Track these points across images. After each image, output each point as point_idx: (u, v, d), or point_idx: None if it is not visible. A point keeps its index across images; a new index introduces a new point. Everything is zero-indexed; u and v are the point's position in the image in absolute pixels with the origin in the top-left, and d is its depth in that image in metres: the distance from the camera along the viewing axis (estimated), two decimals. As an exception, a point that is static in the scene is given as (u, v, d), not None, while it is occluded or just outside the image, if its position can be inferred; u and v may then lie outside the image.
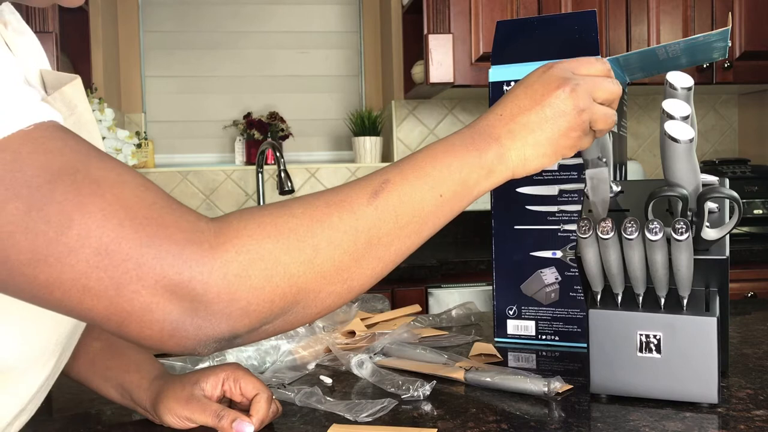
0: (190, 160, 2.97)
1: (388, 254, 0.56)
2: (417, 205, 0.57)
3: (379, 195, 0.55)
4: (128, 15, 2.89)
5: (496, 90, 1.14)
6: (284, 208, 0.53)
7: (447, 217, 0.61)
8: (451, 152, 0.60)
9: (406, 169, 0.58)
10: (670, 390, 0.80)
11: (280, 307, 0.50)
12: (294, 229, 0.51)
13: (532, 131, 0.63)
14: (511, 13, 2.46)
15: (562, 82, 0.64)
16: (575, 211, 1.09)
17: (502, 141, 0.62)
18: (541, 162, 0.64)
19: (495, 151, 0.61)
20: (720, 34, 1.08)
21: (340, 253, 0.52)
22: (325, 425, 0.76)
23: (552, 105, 0.63)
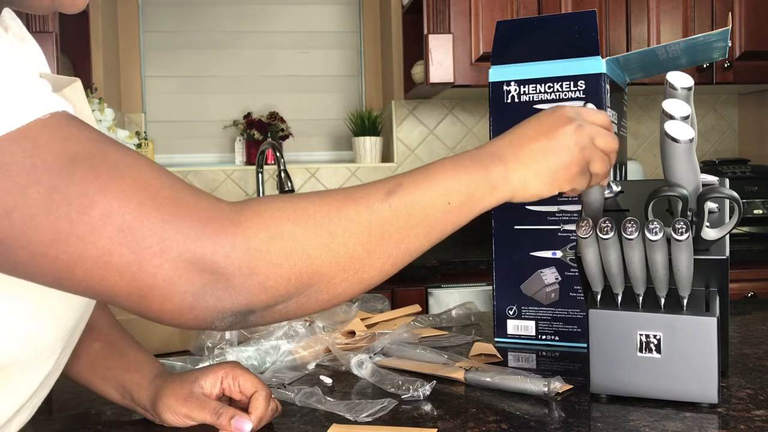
0: (190, 160, 2.97)
1: (398, 252, 0.59)
2: (428, 209, 0.60)
3: (393, 194, 0.58)
4: (128, 15, 2.89)
5: (496, 90, 1.14)
6: (303, 196, 0.56)
7: (453, 226, 0.64)
8: (461, 167, 0.63)
9: (419, 177, 0.61)
10: (670, 390, 0.80)
11: (296, 287, 0.52)
12: (312, 215, 0.54)
13: (536, 159, 0.67)
14: (511, 13, 2.46)
15: (569, 120, 0.69)
16: (575, 211, 1.09)
17: (508, 163, 0.66)
18: (540, 189, 0.67)
19: (500, 171, 0.65)
20: (720, 34, 1.08)
21: (354, 242, 0.55)
22: (325, 425, 0.76)
23: (558, 138, 0.68)
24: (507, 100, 1.13)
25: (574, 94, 1.09)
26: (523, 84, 1.12)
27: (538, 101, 1.11)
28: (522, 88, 1.12)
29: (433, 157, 2.90)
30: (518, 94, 1.12)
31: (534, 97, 1.11)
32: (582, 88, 1.08)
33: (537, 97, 1.11)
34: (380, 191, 0.58)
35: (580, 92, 1.08)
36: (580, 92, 1.08)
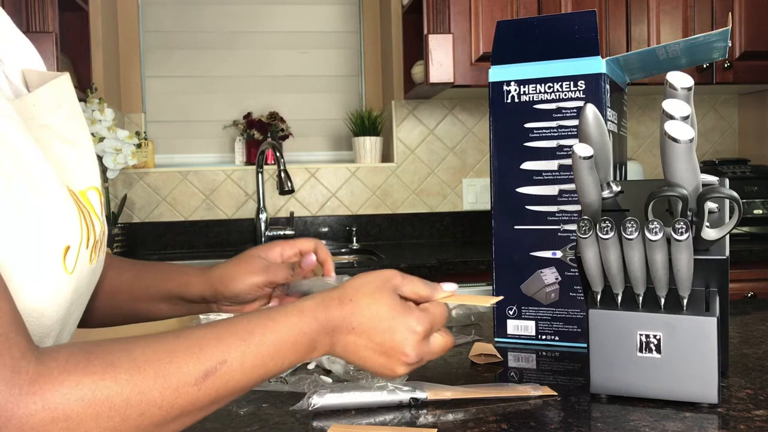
0: (190, 160, 2.97)
1: (192, 421, 0.57)
2: (240, 389, 0.59)
3: (210, 377, 0.56)
4: (128, 15, 2.89)
5: (496, 90, 1.14)
6: (112, 366, 0.52)
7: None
8: (292, 348, 0.62)
9: (247, 355, 0.59)
10: (670, 390, 0.80)
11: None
12: (111, 397, 0.51)
13: (362, 360, 0.67)
14: (511, 13, 2.46)
15: (407, 363, 0.67)
16: (575, 211, 1.09)
17: (335, 353, 0.67)
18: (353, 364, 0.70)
19: (322, 353, 0.66)
20: (720, 34, 1.08)
21: (147, 423, 0.53)
22: (325, 425, 0.76)
23: (390, 368, 0.67)
24: (507, 100, 1.13)
25: (573, 94, 1.09)
26: (523, 84, 1.12)
27: (538, 101, 1.11)
28: (522, 88, 1.12)
29: (433, 156, 2.91)
30: (518, 94, 1.12)
31: (534, 97, 1.11)
32: (582, 88, 1.08)
33: (537, 97, 1.11)
34: (198, 370, 0.55)
35: (580, 92, 1.08)
36: (580, 92, 1.08)
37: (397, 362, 0.67)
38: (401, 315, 0.67)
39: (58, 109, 0.66)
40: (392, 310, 0.66)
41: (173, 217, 2.77)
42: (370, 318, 0.66)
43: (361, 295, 0.67)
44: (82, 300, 0.66)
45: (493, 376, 0.96)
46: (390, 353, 0.66)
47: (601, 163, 0.82)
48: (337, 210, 2.87)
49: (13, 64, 0.68)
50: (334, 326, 0.65)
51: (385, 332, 0.66)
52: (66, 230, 0.58)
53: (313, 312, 0.65)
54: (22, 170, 0.55)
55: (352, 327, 0.66)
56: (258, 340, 0.60)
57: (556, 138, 1.10)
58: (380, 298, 0.67)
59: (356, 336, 0.66)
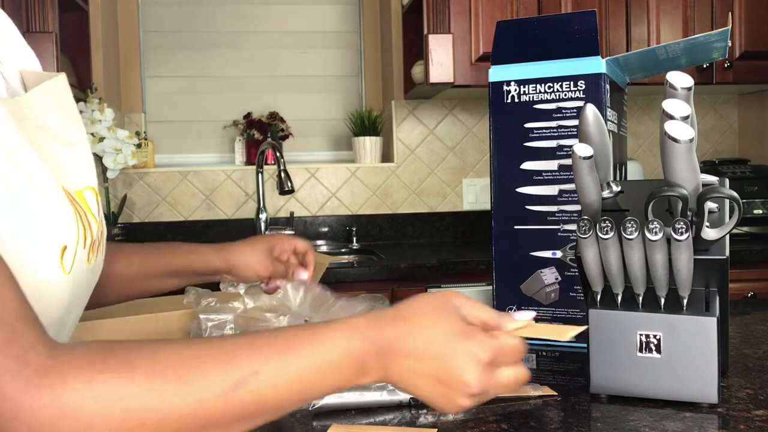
0: (190, 160, 2.97)
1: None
2: (274, 405, 0.53)
3: (239, 389, 0.51)
4: (128, 15, 2.89)
5: (496, 90, 1.14)
6: (129, 367, 0.49)
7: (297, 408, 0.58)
8: (338, 367, 0.56)
9: (285, 368, 0.53)
10: (670, 390, 0.80)
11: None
12: (126, 398, 0.48)
13: (419, 388, 0.58)
14: (511, 13, 2.46)
15: (470, 395, 0.58)
16: (575, 211, 1.09)
17: (388, 378, 0.59)
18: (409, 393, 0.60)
19: (374, 379, 0.59)
20: (720, 34, 1.08)
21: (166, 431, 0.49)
22: (325, 425, 0.76)
23: (448, 397, 0.58)
24: (507, 100, 1.13)
25: (573, 94, 1.09)
26: (523, 84, 1.12)
27: (538, 101, 1.11)
28: (522, 88, 1.12)
29: (433, 157, 2.91)
30: (518, 94, 1.12)
31: (534, 97, 1.11)
32: (582, 88, 1.08)
33: (537, 97, 1.11)
34: (226, 381, 0.50)
35: (580, 92, 1.08)
36: (580, 92, 1.08)
37: (457, 392, 0.57)
38: (462, 338, 0.57)
39: (54, 109, 0.66)
40: (452, 333, 0.58)
41: (173, 217, 2.77)
42: (426, 341, 0.57)
43: (417, 315, 0.59)
44: (81, 300, 0.66)
45: (493, 376, 0.96)
46: (448, 382, 0.57)
47: (601, 163, 0.82)
48: (337, 210, 2.87)
49: (11, 64, 0.68)
50: (387, 348, 0.57)
51: (442, 358, 0.57)
52: (63, 230, 0.58)
53: (363, 330, 0.57)
54: (18, 170, 0.55)
55: (410, 350, 0.57)
56: (296, 353, 0.54)
57: (556, 138, 1.10)
58: (438, 319, 0.58)
59: (413, 360, 0.57)
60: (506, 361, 0.59)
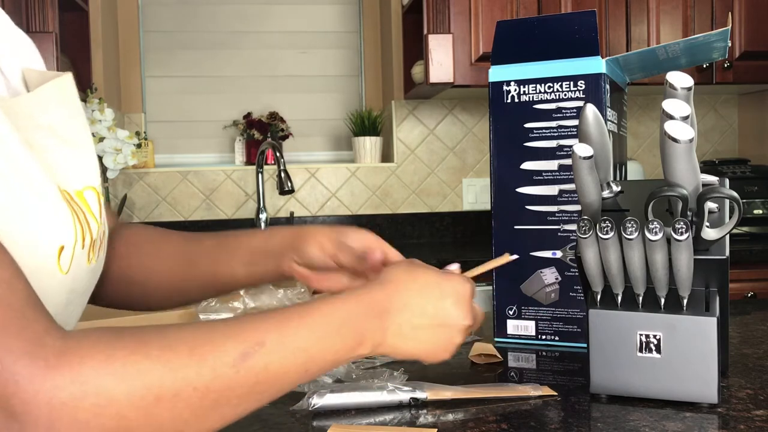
0: (190, 160, 2.97)
1: (233, 414, 0.54)
2: (282, 376, 0.55)
3: (248, 359, 0.53)
4: (128, 15, 2.89)
5: (496, 90, 1.14)
6: (142, 343, 0.50)
7: (296, 385, 0.59)
8: (337, 335, 0.59)
9: (287, 337, 0.56)
10: (670, 390, 0.80)
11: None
12: (143, 372, 0.48)
13: (412, 345, 0.64)
14: (511, 13, 2.46)
15: (459, 334, 0.67)
16: (575, 211, 1.09)
17: (386, 341, 0.63)
18: (404, 355, 0.66)
19: (372, 346, 0.62)
20: (720, 34, 1.08)
21: (183, 407, 0.50)
22: (325, 425, 0.76)
23: (443, 346, 0.66)
24: (507, 100, 1.13)
25: (573, 94, 1.09)
26: (523, 84, 1.12)
27: (538, 101, 1.11)
28: (522, 88, 1.12)
29: (433, 156, 2.91)
30: (518, 94, 1.12)
31: (534, 97, 1.11)
32: (582, 88, 1.08)
33: (537, 97, 1.11)
34: (235, 351, 0.52)
35: (580, 92, 1.08)
36: (580, 92, 1.08)
37: (454, 330, 0.65)
38: (445, 281, 0.66)
39: (58, 108, 0.66)
40: (435, 280, 0.65)
41: (173, 217, 2.77)
42: (417, 292, 0.64)
43: (399, 274, 0.65)
44: (80, 299, 0.66)
45: (493, 376, 0.96)
46: (446, 321, 0.64)
47: (601, 163, 0.82)
48: (337, 210, 2.87)
49: (12, 63, 0.68)
50: (383, 308, 0.62)
51: (435, 301, 0.64)
52: (59, 231, 0.58)
53: (357, 296, 0.61)
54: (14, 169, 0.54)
55: (404, 304, 0.63)
56: (297, 324, 0.57)
57: (556, 138, 1.10)
58: (418, 273, 0.66)
59: (410, 313, 0.63)
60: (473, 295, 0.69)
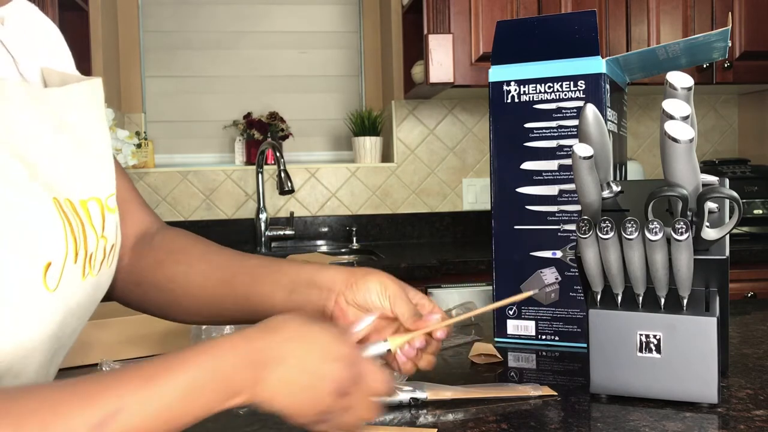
0: (190, 160, 2.97)
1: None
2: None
3: (104, 428, 0.48)
4: (128, 15, 2.89)
5: (496, 90, 1.14)
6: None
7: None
8: (205, 388, 0.53)
9: (150, 397, 0.51)
10: (670, 390, 0.80)
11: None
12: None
13: (294, 397, 0.58)
14: (511, 13, 2.46)
15: (339, 395, 0.59)
16: (575, 211, 1.09)
17: (261, 393, 0.56)
18: (278, 409, 0.58)
19: (247, 397, 0.56)
20: (720, 34, 1.08)
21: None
22: (325, 425, 0.76)
23: (318, 395, 0.58)
24: (507, 100, 1.13)
25: (573, 94, 1.09)
26: (523, 84, 1.12)
27: (538, 101, 1.11)
28: (522, 88, 1.12)
29: (433, 157, 2.91)
30: (518, 94, 1.12)
31: (534, 97, 1.11)
32: (582, 88, 1.08)
33: (537, 97, 1.11)
34: (91, 420, 0.47)
35: (580, 92, 1.08)
36: (580, 92, 1.08)
37: (329, 395, 0.58)
38: (336, 343, 0.59)
39: (85, 110, 0.66)
40: (326, 338, 0.59)
41: (173, 217, 2.77)
42: (303, 347, 0.58)
43: (289, 325, 0.59)
44: (78, 314, 0.64)
45: (493, 376, 0.96)
46: (323, 385, 0.58)
47: (601, 163, 0.82)
48: (337, 210, 2.87)
49: (29, 61, 0.68)
50: (261, 358, 0.56)
51: (320, 360, 0.58)
52: (46, 247, 0.56)
53: (232, 346, 0.56)
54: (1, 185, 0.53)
55: (283, 357, 0.57)
56: (162, 381, 0.52)
57: (556, 138, 1.10)
58: (310, 327, 0.59)
59: (287, 368, 0.56)
60: (369, 368, 0.61)
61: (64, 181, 0.61)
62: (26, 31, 0.70)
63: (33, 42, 0.70)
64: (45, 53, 0.71)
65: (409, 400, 0.81)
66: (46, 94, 0.62)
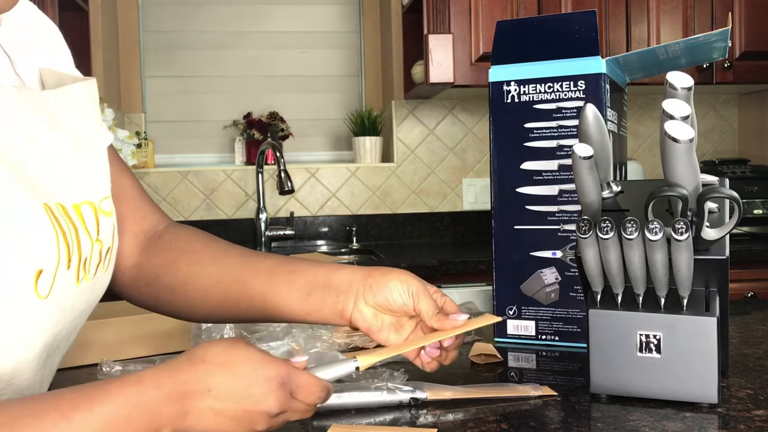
0: (190, 160, 2.97)
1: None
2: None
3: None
4: (128, 15, 2.89)
5: (496, 90, 1.14)
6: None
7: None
8: (126, 423, 0.52)
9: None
10: (670, 390, 0.80)
11: None
12: None
13: (221, 428, 0.57)
14: (511, 13, 2.46)
15: (270, 408, 0.59)
16: (575, 211, 1.09)
17: (187, 425, 0.56)
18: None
19: (171, 430, 0.55)
20: (720, 34, 1.08)
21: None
22: (325, 425, 0.76)
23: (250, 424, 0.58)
24: (507, 100, 1.13)
25: (573, 94, 1.09)
26: (523, 84, 1.12)
27: (538, 101, 1.11)
28: (522, 88, 1.12)
29: (433, 156, 2.91)
30: (518, 94, 1.12)
31: (534, 97, 1.11)
32: (582, 88, 1.08)
33: (537, 97, 1.11)
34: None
35: (580, 92, 1.08)
36: (580, 92, 1.08)
37: (260, 418, 0.58)
38: (263, 366, 0.59)
39: (82, 111, 0.65)
40: (252, 365, 0.58)
41: (173, 217, 2.76)
42: (230, 376, 0.57)
43: (215, 355, 0.58)
44: (72, 319, 0.64)
45: (493, 376, 0.96)
46: (253, 409, 0.57)
47: (601, 163, 0.82)
48: (337, 210, 2.87)
49: (27, 62, 0.68)
50: (185, 391, 0.55)
51: (248, 386, 0.57)
52: (37, 254, 0.56)
53: (156, 379, 0.55)
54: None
55: (209, 388, 0.56)
56: (82, 416, 0.50)
57: (556, 138, 1.10)
58: (236, 354, 0.59)
59: (214, 399, 0.56)
60: (303, 382, 0.61)
61: (56, 186, 0.61)
62: (26, 31, 0.69)
63: (32, 42, 0.69)
64: (45, 53, 0.71)
65: (409, 400, 0.81)
66: (40, 97, 0.62)
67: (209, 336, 1.03)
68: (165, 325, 1.09)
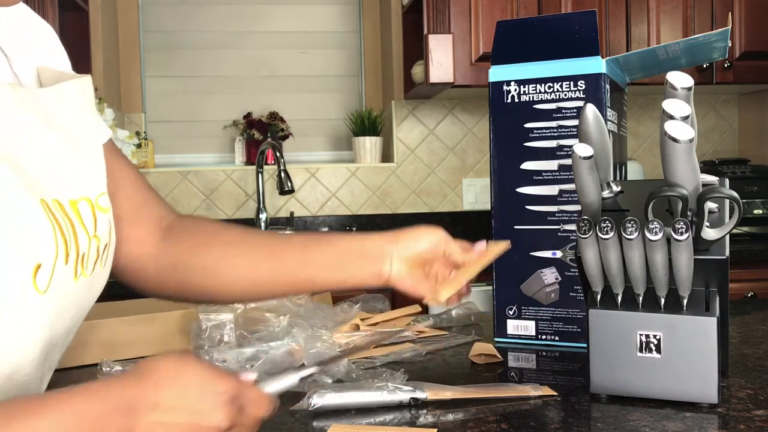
0: (190, 160, 2.97)
1: None
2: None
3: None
4: (128, 15, 2.89)
5: (496, 90, 1.14)
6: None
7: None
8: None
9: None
10: (670, 390, 0.80)
11: None
12: None
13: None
14: (511, 13, 2.46)
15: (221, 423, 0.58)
16: (575, 211, 1.09)
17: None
18: None
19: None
20: (720, 34, 1.08)
21: None
22: (325, 425, 0.76)
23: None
24: (507, 100, 1.13)
25: (573, 94, 1.09)
26: (523, 84, 1.12)
27: (538, 101, 1.11)
28: (522, 88, 1.12)
29: (433, 156, 2.90)
30: (518, 94, 1.12)
31: (534, 97, 1.11)
32: (582, 88, 1.08)
33: (537, 97, 1.11)
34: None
35: (580, 92, 1.08)
36: (580, 92, 1.08)
37: (211, 428, 0.57)
38: (212, 381, 0.58)
39: (76, 109, 0.65)
40: (200, 380, 0.58)
41: (173, 217, 2.77)
42: (178, 390, 0.56)
43: (163, 369, 0.57)
44: (71, 315, 0.64)
45: (493, 376, 0.96)
46: (202, 423, 0.56)
47: (601, 163, 0.82)
48: (337, 210, 2.87)
49: (25, 61, 0.68)
50: (132, 405, 0.54)
51: (197, 401, 0.57)
52: (35, 249, 0.56)
53: (104, 391, 0.54)
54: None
55: (156, 402, 0.55)
56: (24, 426, 0.49)
57: (556, 138, 1.10)
58: (185, 368, 0.58)
59: (162, 413, 0.55)
60: (252, 396, 0.61)
61: (53, 182, 0.61)
62: (24, 31, 0.70)
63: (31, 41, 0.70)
64: (44, 52, 0.71)
65: (409, 400, 0.81)
66: (36, 95, 0.62)
67: (210, 335, 1.03)
68: (165, 325, 1.09)
